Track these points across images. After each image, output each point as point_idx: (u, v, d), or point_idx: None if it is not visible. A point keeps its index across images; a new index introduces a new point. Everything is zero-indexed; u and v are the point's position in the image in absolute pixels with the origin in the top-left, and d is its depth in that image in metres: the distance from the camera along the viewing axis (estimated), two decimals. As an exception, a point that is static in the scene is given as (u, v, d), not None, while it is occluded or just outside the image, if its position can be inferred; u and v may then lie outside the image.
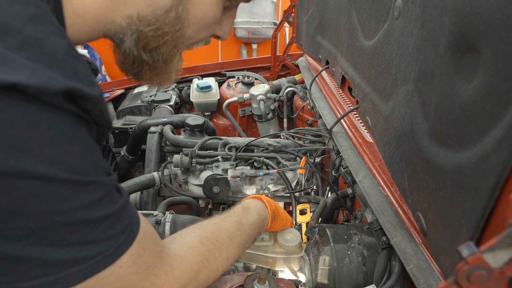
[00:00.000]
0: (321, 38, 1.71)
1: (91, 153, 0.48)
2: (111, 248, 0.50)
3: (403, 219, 0.85)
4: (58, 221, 0.44)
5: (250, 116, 2.26)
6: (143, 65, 0.63)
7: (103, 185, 0.49)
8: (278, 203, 1.03)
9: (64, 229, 0.44)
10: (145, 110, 2.16)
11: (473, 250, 0.39)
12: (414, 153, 0.73)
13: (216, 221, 0.77)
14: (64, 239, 0.45)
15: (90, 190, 0.47)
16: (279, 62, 2.49)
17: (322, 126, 1.55)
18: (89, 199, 0.46)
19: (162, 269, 0.58)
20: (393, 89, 0.86)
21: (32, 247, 0.43)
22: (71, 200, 0.44)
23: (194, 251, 0.67)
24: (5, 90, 0.38)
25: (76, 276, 0.47)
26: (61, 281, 0.46)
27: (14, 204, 0.40)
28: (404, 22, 0.81)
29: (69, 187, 0.44)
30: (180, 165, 1.39)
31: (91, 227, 0.47)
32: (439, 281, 0.69)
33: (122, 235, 0.51)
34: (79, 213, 0.45)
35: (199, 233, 0.71)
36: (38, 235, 0.43)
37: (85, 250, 0.47)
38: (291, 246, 0.93)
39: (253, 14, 4.92)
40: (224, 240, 0.74)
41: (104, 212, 0.48)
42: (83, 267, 0.47)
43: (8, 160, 0.39)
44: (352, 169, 1.10)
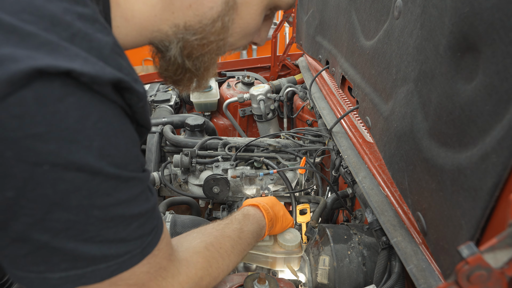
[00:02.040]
0: (321, 38, 1.71)
1: (133, 146, 0.48)
2: (139, 248, 0.50)
3: (403, 219, 0.85)
4: (96, 216, 0.44)
5: (250, 116, 2.26)
6: (186, 73, 0.64)
7: (140, 181, 0.49)
8: (280, 203, 1.02)
9: (101, 225, 0.45)
10: (145, 110, 2.16)
11: (473, 250, 0.39)
12: (414, 153, 0.73)
13: (220, 227, 0.77)
14: (99, 235, 0.45)
15: (130, 186, 0.47)
16: (279, 62, 2.49)
17: (322, 126, 1.55)
18: (127, 195, 0.46)
19: (169, 272, 0.58)
20: (393, 89, 0.86)
21: (69, 241, 0.43)
22: (111, 196, 0.44)
23: (200, 256, 0.67)
24: (61, 77, 0.39)
25: (103, 273, 0.47)
26: (88, 276, 0.46)
27: (58, 196, 0.41)
28: (404, 22, 0.81)
29: (112, 183, 0.44)
30: (180, 165, 1.39)
31: (125, 224, 0.47)
32: (439, 281, 0.69)
33: (149, 236, 0.52)
34: (117, 209, 0.46)
35: (205, 238, 0.71)
36: (76, 229, 0.43)
37: (115, 247, 0.47)
38: (291, 246, 0.93)
39: (253, 14, 4.91)
40: (227, 247, 0.74)
41: (138, 210, 0.49)
42: (110, 265, 0.47)
43: (59, 151, 0.39)
44: (352, 169, 1.10)
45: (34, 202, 0.40)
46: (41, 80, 0.38)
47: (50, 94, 0.38)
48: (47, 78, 0.38)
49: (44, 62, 0.37)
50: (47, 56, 0.38)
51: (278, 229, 0.95)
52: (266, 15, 0.69)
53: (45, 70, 0.37)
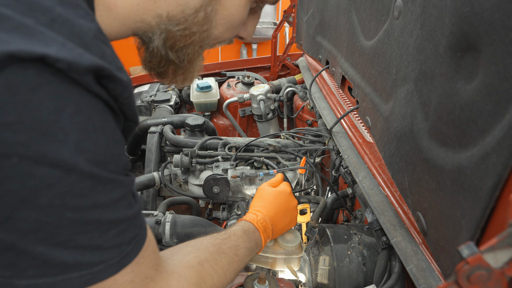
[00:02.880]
0: (321, 38, 1.71)
1: (114, 145, 0.45)
2: (116, 257, 0.47)
3: (403, 219, 0.85)
4: (69, 218, 0.41)
5: (250, 116, 2.26)
6: (170, 65, 0.63)
7: (121, 185, 0.46)
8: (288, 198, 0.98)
9: (74, 228, 0.42)
10: (145, 110, 2.16)
11: (473, 250, 0.39)
12: (414, 153, 0.73)
13: (216, 242, 0.74)
14: (71, 240, 0.42)
15: (108, 189, 0.44)
16: (279, 62, 2.49)
17: (322, 126, 1.55)
18: (105, 198, 0.44)
19: (158, 284, 0.55)
20: (393, 89, 0.86)
21: (38, 244, 0.40)
22: (86, 197, 0.42)
23: (193, 271, 0.64)
24: (34, 64, 0.36)
25: (75, 283, 0.44)
26: (58, 286, 0.43)
27: (27, 192, 0.38)
28: (404, 22, 0.81)
29: (88, 182, 0.41)
30: (180, 165, 1.39)
31: (101, 230, 0.44)
32: (439, 281, 0.69)
33: (129, 245, 0.49)
34: (92, 212, 0.43)
35: (199, 254, 0.69)
36: (46, 231, 0.40)
37: (90, 255, 0.44)
38: (291, 246, 0.93)
39: (253, 14, 4.92)
40: (223, 264, 0.71)
41: (117, 216, 0.46)
42: (83, 274, 0.44)
43: (30, 143, 0.37)
44: (352, 169, 1.10)
45: (1, 197, 0.37)
46: (13, 67, 0.35)
47: (22, 83, 0.36)
48: (20, 64, 0.36)
49: (16, 46, 0.35)
50: (20, 40, 0.36)
51: (277, 234, 0.93)
52: (252, 8, 0.68)
53: (18, 55, 0.35)
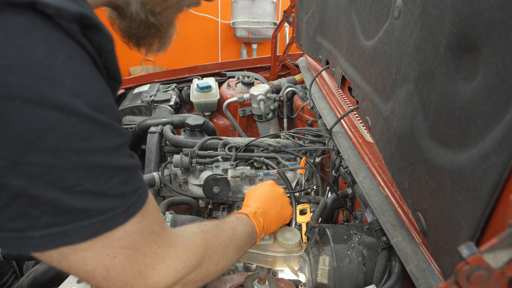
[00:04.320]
0: (321, 38, 1.71)
1: (107, 95, 0.46)
2: (122, 207, 0.48)
3: (403, 219, 0.85)
4: (74, 161, 0.42)
5: (250, 116, 2.26)
6: (150, 28, 0.65)
7: (119, 133, 0.47)
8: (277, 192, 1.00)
9: (80, 172, 0.43)
10: (145, 110, 2.16)
11: (473, 250, 0.39)
12: (414, 153, 0.73)
13: (214, 223, 0.76)
14: (79, 184, 0.43)
15: (107, 134, 0.45)
16: (279, 62, 2.49)
17: (322, 126, 1.55)
18: (105, 143, 0.45)
19: (164, 241, 0.57)
20: (393, 89, 0.86)
21: (48, 188, 0.41)
22: (87, 141, 0.43)
23: (198, 237, 0.65)
24: (26, 10, 0.38)
25: (86, 231, 0.45)
26: (71, 235, 0.44)
27: (33, 135, 0.39)
28: (404, 22, 0.81)
29: (88, 126, 0.42)
30: (180, 165, 1.39)
31: (105, 176, 0.45)
32: (439, 281, 0.69)
33: (132, 196, 0.50)
34: (95, 156, 0.44)
35: (201, 226, 0.70)
36: (54, 175, 0.41)
37: (97, 201, 0.45)
38: (290, 244, 0.93)
39: (253, 14, 4.93)
40: (224, 238, 0.73)
41: (118, 163, 0.47)
42: (93, 222, 0.45)
43: (31, 85, 0.38)
44: (352, 169, 1.10)
45: (8, 141, 0.39)
46: (7, 13, 0.37)
47: (17, 27, 0.38)
48: (13, 10, 0.37)
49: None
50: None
51: (275, 227, 0.94)
52: None
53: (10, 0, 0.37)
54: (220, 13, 5.12)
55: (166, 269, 0.56)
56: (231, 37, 5.30)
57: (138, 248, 0.52)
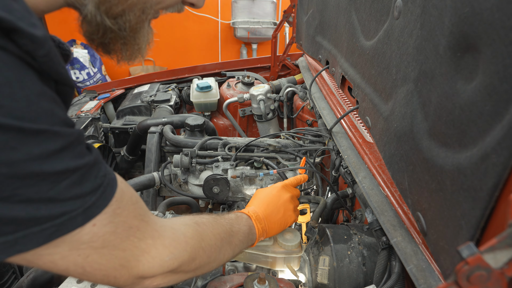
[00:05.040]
0: (321, 38, 1.71)
1: (41, 100, 0.42)
2: (79, 208, 0.46)
3: (403, 219, 0.85)
4: (4, 173, 0.39)
5: (250, 116, 2.26)
6: (108, 33, 0.58)
7: (58, 136, 0.44)
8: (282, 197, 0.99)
9: (15, 183, 0.40)
10: (145, 110, 2.16)
11: (473, 250, 0.39)
12: (414, 153, 0.73)
13: (211, 216, 0.74)
14: (16, 195, 0.41)
15: (41, 140, 0.42)
16: (279, 62, 2.49)
17: (322, 126, 1.55)
18: (40, 150, 0.42)
19: (147, 233, 0.55)
20: (393, 89, 0.86)
21: None
22: (17, 150, 0.40)
23: (190, 228, 0.63)
24: None
25: (38, 237, 0.43)
26: (21, 242, 0.42)
27: None
28: (404, 22, 0.81)
29: (13, 135, 0.39)
30: (180, 165, 1.39)
31: (49, 182, 0.43)
32: (439, 281, 0.69)
33: (92, 195, 0.47)
34: (30, 165, 0.41)
35: (195, 218, 0.68)
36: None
37: (45, 208, 0.43)
38: (290, 245, 0.93)
39: (253, 14, 4.93)
40: (219, 232, 0.70)
41: (63, 166, 0.44)
42: (46, 227, 0.43)
43: None
44: (352, 169, 1.10)
45: None
46: None
47: None
48: None
49: None
50: None
51: (275, 232, 0.93)
52: None
53: None
54: (220, 13, 5.12)
55: (151, 260, 0.56)
56: (231, 37, 5.30)
57: (114, 245, 0.51)
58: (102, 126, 2.04)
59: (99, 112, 2.06)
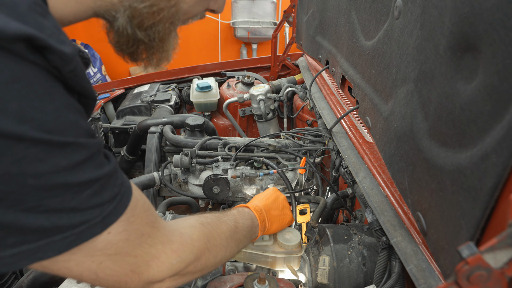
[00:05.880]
0: (321, 38, 1.71)
1: (68, 112, 0.43)
2: (98, 217, 0.47)
3: (403, 219, 0.85)
4: (32, 185, 0.41)
5: (250, 116, 2.26)
6: (139, 44, 0.61)
7: (83, 147, 0.45)
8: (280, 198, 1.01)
9: (41, 194, 0.42)
10: (145, 110, 2.16)
11: (473, 250, 0.39)
12: (414, 153, 0.73)
13: (215, 215, 0.76)
14: (41, 205, 0.42)
15: (68, 152, 0.43)
16: (279, 62, 2.49)
17: (322, 126, 1.55)
18: (66, 162, 0.43)
19: (157, 239, 0.57)
20: (393, 89, 0.86)
21: (6, 212, 0.40)
22: (45, 162, 0.41)
23: (196, 230, 0.65)
24: None
25: (59, 245, 0.44)
26: (43, 250, 0.44)
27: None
28: (404, 22, 0.81)
29: (42, 148, 0.40)
30: (180, 165, 1.39)
31: (72, 193, 0.44)
32: (439, 281, 0.69)
33: (110, 204, 0.49)
34: (56, 176, 0.42)
35: (200, 219, 0.70)
36: (12, 200, 0.40)
37: (67, 217, 0.44)
38: (290, 245, 0.93)
39: (253, 14, 4.93)
40: (224, 230, 0.73)
41: (87, 177, 0.45)
42: (66, 235, 0.45)
43: None
44: (352, 169, 1.10)
45: None
46: None
47: None
48: None
49: None
50: None
51: (275, 228, 0.95)
52: None
53: None
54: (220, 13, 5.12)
55: (160, 265, 0.57)
56: (231, 37, 5.30)
57: (127, 252, 0.52)
58: (102, 126, 2.04)
59: (99, 112, 2.06)
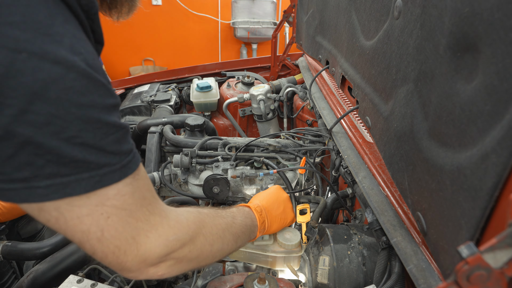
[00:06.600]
0: (321, 38, 1.71)
1: (97, 57, 0.50)
2: (118, 164, 0.51)
3: (403, 219, 0.85)
4: (74, 113, 0.45)
5: (250, 116, 2.26)
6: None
7: (111, 93, 0.50)
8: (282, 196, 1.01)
9: (79, 124, 0.46)
10: (145, 110, 2.16)
11: (473, 250, 0.39)
12: (414, 153, 0.73)
13: (213, 209, 0.76)
14: (78, 136, 0.46)
15: (101, 93, 0.48)
16: (279, 62, 2.49)
17: (322, 126, 1.55)
18: (100, 100, 0.48)
19: (156, 209, 0.58)
20: (393, 89, 0.86)
21: (51, 137, 0.45)
22: (85, 95, 0.46)
23: (192, 214, 0.66)
24: None
25: (86, 184, 0.48)
26: (72, 186, 0.47)
27: (38, 86, 0.43)
28: (404, 22, 0.81)
29: (85, 82, 0.46)
30: (180, 165, 1.39)
31: (102, 132, 0.48)
32: (439, 281, 0.69)
33: (127, 156, 0.53)
34: (92, 110, 0.47)
35: (198, 208, 0.71)
36: (57, 125, 0.44)
37: (96, 155, 0.48)
38: (290, 245, 0.93)
39: (253, 14, 4.93)
40: (220, 222, 0.72)
41: (113, 120, 0.50)
42: (92, 175, 0.48)
43: (35, 40, 0.42)
44: (352, 169, 1.10)
45: (16, 90, 0.42)
46: None
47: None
48: None
49: None
50: None
51: (276, 228, 0.95)
52: None
53: None
54: (220, 13, 5.12)
55: (158, 238, 0.57)
56: (231, 37, 5.30)
57: (130, 211, 0.54)
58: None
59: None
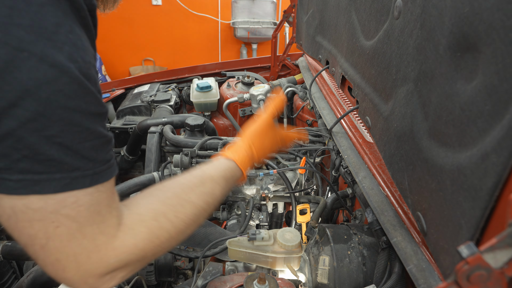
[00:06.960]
0: (321, 38, 1.71)
1: (93, 68, 0.53)
2: (90, 170, 0.52)
3: (403, 219, 0.85)
4: (59, 114, 0.48)
5: (250, 116, 2.26)
6: None
7: (98, 102, 0.52)
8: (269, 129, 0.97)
9: (61, 125, 0.48)
10: (145, 110, 2.16)
11: (473, 250, 0.39)
12: (414, 153, 0.73)
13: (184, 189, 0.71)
14: (58, 136, 0.48)
15: (88, 100, 0.51)
16: (279, 62, 2.49)
17: (322, 126, 1.55)
18: (85, 106, 0.50)
19: (106, 228, 0.56)
20: (393, 89, 0.86)
21: (33, 133, 0.47)
22: (72, 99, 0.49)
23: (144, 227, 0.62)
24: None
25: (56, 184, 0.49)
26: (42, 184, 0.49)
27: (31, 84, 0.45)
28: (404, 22, 0.81)
29: (75, 87, 0.49)
30: (180, 165, 1.39)
31: (81, 136, 0.50)
32: (439, 281, 0.69)
33: (101, 165, 0.54)
34: (76, 114, 0.49)
35: (156, 207, 0.65)
36: (41, 123, 0.47)
37: (71, 157, 0.50)
38: (291, 246, 0.93)
39: (253, 14, 4.93)
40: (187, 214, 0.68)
41: (94, 128, 0.52)
42: (64, 177, 0.50)
43: (38, 43, 0.45)
44: (352, 169, 1.10)
45: (10, 85, 0.45)
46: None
47: None
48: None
49: None
50: None
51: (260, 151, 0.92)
52: None
53: None
54: (220, 13, 5.12)
55: (99, 261, 0.56)
56: (231, 37, 5.30)
57: (81, 225, 0.53)
58: (102, 126, 2.04)
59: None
